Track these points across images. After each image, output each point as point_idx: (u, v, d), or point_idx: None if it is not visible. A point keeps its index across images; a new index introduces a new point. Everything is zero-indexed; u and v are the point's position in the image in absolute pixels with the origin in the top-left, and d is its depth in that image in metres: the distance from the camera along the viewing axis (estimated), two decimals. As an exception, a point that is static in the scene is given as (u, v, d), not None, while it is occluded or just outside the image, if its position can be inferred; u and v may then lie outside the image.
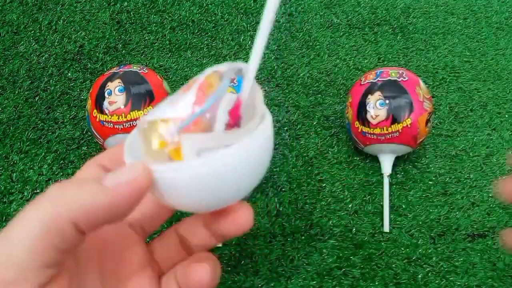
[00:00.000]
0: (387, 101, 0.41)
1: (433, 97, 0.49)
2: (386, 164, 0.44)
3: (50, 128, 0.48)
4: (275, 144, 0.47)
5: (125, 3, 0.60)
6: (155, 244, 0.25)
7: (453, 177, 0.45)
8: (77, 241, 0.18)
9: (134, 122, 0.40)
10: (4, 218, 0.41)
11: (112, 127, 0.40)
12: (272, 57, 0.55)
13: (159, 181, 0.19)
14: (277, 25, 0.59)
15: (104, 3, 0.60)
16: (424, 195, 0.44)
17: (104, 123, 0.40)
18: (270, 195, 0.44)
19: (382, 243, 0.41)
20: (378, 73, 0.43)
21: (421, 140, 0.43)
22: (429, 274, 0.39)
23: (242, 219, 0.22)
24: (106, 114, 0.40)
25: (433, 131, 0.49)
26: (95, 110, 0.41)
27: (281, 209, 0.43)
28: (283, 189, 0.44)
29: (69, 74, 0.53)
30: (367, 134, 0.42)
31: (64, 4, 0.60)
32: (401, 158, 0.46)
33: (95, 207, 0.18)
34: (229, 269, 0.39)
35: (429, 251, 0.40)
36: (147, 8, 0.60)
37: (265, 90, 0.52)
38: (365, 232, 0.41)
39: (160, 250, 0.25)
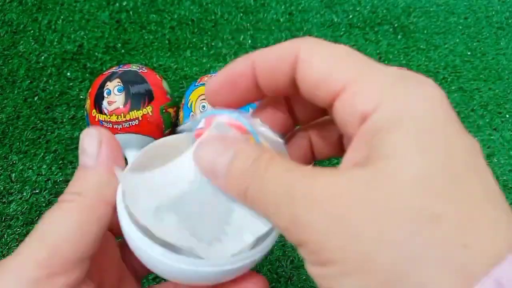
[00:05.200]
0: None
1: (434, 96, 0.49)
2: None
3: (49, 128, 0.48)
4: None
5: (124, 2, 0.60)
6: None
7: (454, 177, 0.45)
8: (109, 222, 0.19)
9: (133, 122, 0.40)
10: (3, 218, 0.41)
11: (111, 127, 0.40)
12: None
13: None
14: (277, 24, 0.59)
15: (104, 3, 0.60)
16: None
17: (103, 123, 0.40)
18: (270, 195, 0.44)
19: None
20: (378, 72, 0.43)
21: (422, 140, 0.42)
22: None
23: None
24: (105, 114, 0.40)
25: (434, 131, 0.49)
26: (94, 110, 0.41)
27: (281, 209, 0.43)
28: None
29: (68, 73, 0.53)
30: (367, 134, 0.42)
31: (64, 3, 0.60)
32: (401, 158, 0.46)
33: (104, 184, 0.19)
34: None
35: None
36: (146, 7, 0.60)
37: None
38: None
39: None
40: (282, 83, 0.18)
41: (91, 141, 0.20)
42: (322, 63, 0.17)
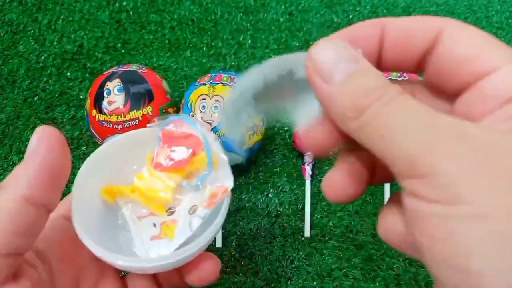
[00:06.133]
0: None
1: (434, 96, 0.49)
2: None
3: (49, 128, 0.48)
4: (275, 144, 0.47)
5: (124, 2, 0.60)
6: (128, 278, 0.25)
7: (454, 177, 0.45)
8: (35, 219, 0.19)
9: (133, 122, 0.40)
10: (2, 218, 0.41)
11: (111, 126, 0.40)
12: (273, 56, 0.55)
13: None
14: (277, 24, 0.59)
15: (104, 3, 0.60)
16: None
17: (103, 122, 0.40)
18: (270, 196, 0.44)
19: (383, 244, 0.40)
20: (378, 72, 0.43)
21: (422, 140, 0.42)
22: (430, 275, 0.38)
23: (206, 273, 0.23)
24: (105, 113, 0.40)
25: (434, 131, 0.49)
26: (94, 110, 0.41)
27: (281, 209, 0.43)
28: (284, 190, 0.44)
29: (68, 73, 0.53)
30: (367, 134, 0.42)
31: (64, 3, 0.60)
32: (402, 158, 0.46)
33: (32, 176, 0.19)
34: (229, 269, 0.39)
35: (430, 251, 0.40)
36: (146, 7, 0.60)
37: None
38: (366, 233, 0.41)
39: (133, 284, 0.25)
40: (412, 54, 0.17)
41: (33, 137, 0.19)
42: (473, 41, 0.16)
